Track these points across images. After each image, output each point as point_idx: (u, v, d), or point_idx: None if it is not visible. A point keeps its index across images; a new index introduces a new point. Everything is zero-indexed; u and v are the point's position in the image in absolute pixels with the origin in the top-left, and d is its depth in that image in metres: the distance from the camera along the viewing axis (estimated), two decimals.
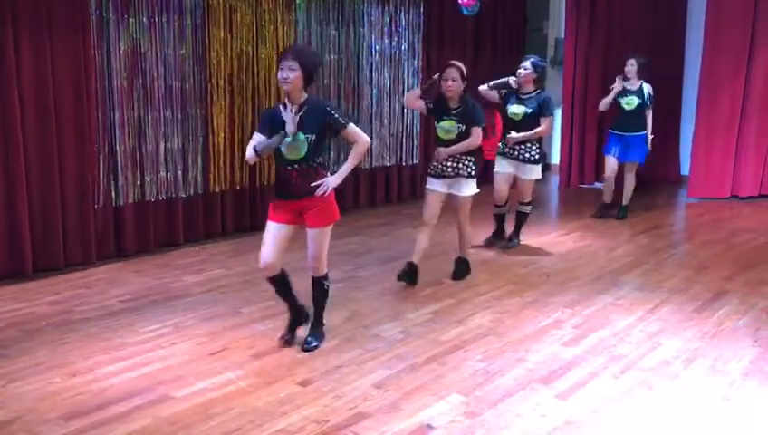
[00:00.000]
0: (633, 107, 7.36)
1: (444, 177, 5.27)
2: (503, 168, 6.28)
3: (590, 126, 9.46)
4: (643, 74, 7.38)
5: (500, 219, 6.49)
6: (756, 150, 8.66)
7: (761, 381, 3.76)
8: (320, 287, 4.19)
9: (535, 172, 6.25)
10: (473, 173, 5.27)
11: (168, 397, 3.54)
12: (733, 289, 5.27)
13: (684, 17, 9.43)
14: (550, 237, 6.80)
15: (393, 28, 8.18)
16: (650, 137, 7.36)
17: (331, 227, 4.06)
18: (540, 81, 6.21)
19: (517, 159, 6.20)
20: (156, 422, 3.29)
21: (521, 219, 6.47)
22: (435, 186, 5.31)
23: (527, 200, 6.39)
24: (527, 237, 6.65)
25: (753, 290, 5.24)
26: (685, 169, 9.29)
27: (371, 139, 8.09)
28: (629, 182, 7.62)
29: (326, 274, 4.19)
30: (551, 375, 3.83)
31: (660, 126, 9.18)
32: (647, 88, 7.33)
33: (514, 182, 6.37)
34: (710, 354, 4.11)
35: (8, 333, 4.33)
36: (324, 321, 4.27)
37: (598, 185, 9.28)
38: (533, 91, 6.15)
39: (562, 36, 9.88)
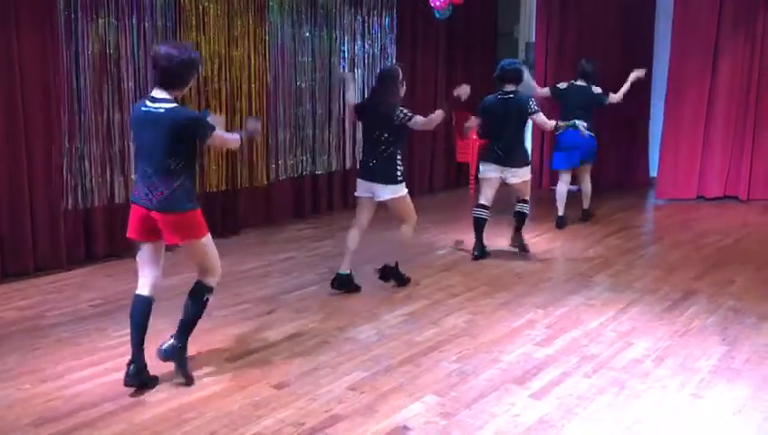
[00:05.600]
0: None
1: None
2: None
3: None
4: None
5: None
6: (721, 152, 8.84)
7: (729, 378, 3.83)
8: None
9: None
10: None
11: (141, 402, 3.50)
12: (701, 289, 5.36)
13: (652, 23, 9.59)
14: None
15: (366, 31, 8.20)
16: None
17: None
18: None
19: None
20: (129, 428, 3.26)
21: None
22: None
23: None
24: (500, 240, 6.73)
25: (721, 290, 5.34)
26: (654, 171, 9.44)
27: (346, 140, 8.16)
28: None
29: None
30: (524, 375, 3.86)
31: (629, 130, 9.36)
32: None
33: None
34: (680, 353, 4.18)
35: None
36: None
37: (571, 188, 9.37)
38: None
39: (533, 40, 9.98)
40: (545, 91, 7.59)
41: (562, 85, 7.50)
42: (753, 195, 8.72)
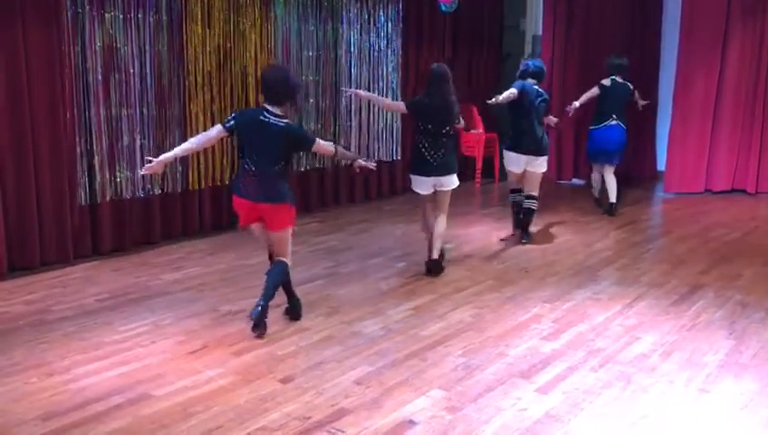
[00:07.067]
0: None
1: None
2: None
3: (567, 122, 9.53)
4: None
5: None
6: (729, 146, 8.79)
7: (736, 373, 3.82)
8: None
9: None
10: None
11: (148, 396, 3.51)
12: (708, 283, 5.34)
13: (659, 16, 9.53)
14: None
15: (372, 24, 8.18)
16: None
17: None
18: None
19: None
20: (135, 422, 3.27)
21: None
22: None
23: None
24: (503, 234, 6.72)
25: (728, 284, 5.32)
26: (661, 165, 9.40)
27: (351, 135, 8.14)
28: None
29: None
30: (531, 369, 3.86)
31: (637, 124, 9.33)
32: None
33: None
34: (687, 347, 4.16)
35: None
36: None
37: (576, 182, 9.36)
38: None
39: (539, 33, 9.94)
40: (595, 90, 7.59)
41: (607, 82, 7.58)
42: (762, 188, 8.68)
